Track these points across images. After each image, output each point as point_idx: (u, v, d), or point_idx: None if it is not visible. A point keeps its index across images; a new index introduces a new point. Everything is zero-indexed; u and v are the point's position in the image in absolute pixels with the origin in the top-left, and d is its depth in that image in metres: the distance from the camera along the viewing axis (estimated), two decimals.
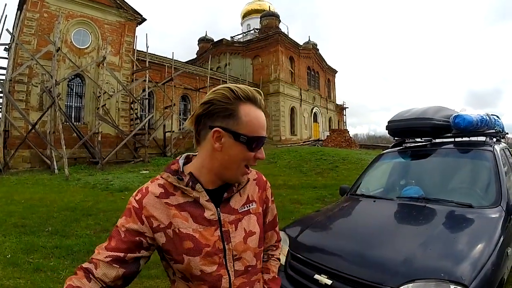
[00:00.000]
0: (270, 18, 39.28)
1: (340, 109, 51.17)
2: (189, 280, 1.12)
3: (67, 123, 18.04)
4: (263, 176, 1.36)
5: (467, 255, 2.30)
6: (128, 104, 22.56)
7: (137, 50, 23.54)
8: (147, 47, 23.30)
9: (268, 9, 42.42)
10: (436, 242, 2.51)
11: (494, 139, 4.32)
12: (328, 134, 33.75)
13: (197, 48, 43.77)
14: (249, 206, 1.23)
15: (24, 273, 4.37)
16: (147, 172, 15.58)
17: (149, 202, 1.10)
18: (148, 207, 1.09)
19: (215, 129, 1.07)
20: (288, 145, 28.99)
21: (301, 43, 40.11)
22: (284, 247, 2.93)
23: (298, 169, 15.77)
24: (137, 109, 23.02)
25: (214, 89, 1.12)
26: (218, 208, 1.14)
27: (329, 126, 44.20)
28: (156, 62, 25.22)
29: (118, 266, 1.07)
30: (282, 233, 2.96)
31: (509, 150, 4.84)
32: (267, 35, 36.19)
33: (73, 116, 20.07)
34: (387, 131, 4.62)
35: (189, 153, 1.25)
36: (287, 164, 16.77)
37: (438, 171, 4.02)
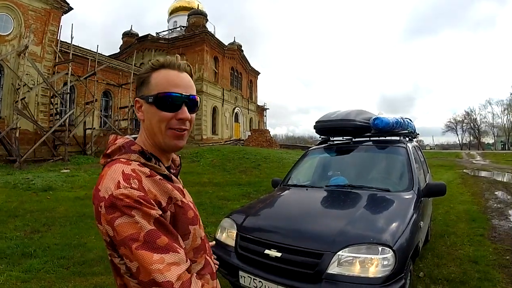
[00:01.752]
0: (198, 16, 39.20)
1: (261, 110, 52.60)
2: (193, 261, 1.11)
3: None
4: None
5: (389, 226, 2.94)
6: (48, 98, 21.46)
7: (61, 41, 22.25)
8: (72, 38, 22.20)
9: (196, 7, 42.25)
10: (364, 217, 3.17)
11: (407, 138, 5.34)
12: (250, 134, 34.79)
13: (121, 42, 42.36)
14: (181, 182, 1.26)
15: None
16: (68, 171, 15.19)
17: (149, 184, 1.02)
18: (151, 189, 1.01)
19: (135, 99, 1.13)
20: (210, 144, 29.47)
21: (226, 44, 40.70)
22: (233, 231, 3.40)
23: (222, 167, 16.46)
24: (57, 104, 22.02)
25: None
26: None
27: (250, 126, 45.33)
28: (79, 54, 24.09)
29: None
30: (229, 220, 3.61)
31: (419, 147, 6.08)
32: (194, 33, 36.29)
33: None
34: (314, 130, 5.32)
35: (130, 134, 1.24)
36: (210, 163, 17.40)
37: (360, 164, 4.77)
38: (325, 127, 5.15)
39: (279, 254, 2.80)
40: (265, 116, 54.40)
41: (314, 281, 2.62)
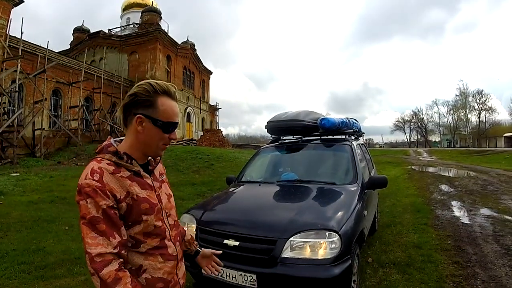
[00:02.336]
0: (151, 14, 38.82)
1: (213, 109, 52.51)
2: (143, 241, 1.35)
3: None
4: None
5: (335, 214, 3.26)
6: None
7: (10, 36, 21.13)
8: (22, 33, 21.44)
9: (150, 5, 41.63)
10: (312, 207, 3.53)
11: (353, 137, 5.73)
12: (202, 134, 34.92)
13: (72, 38, 40.92)
14: (162, 177, 1.57)
15: None
16: (18, 174, 14.74)
17: (108, 179, 1.27)
18: (109, 183, 1.27)
19: (138, 115, 1.34)
20: None
21: (179, 42, 40.47)
22: (192, 225, 3.57)
23: (175, 167, 16.55)
24: (5, 103, 20.90)
25: (137, 84, 1.40)
26: (151, 177, 1.46)
27: (202, 126, 45.22)
28: (29, 50, 22.88)
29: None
30: (188, 215, 3.79)
31: (364, 145, 6.55)
32: (147, 31, 35.86)
33: None
34: (266, 129, 5.65)
35: (114, 138, 1.48)
36: (163, 163, 17.68)
37: (309, 160, 5.09)
38: (276, 127, 5.46)
39: (237, 243, 3.05)
40: (217, 115, 54.39)
41: (270, 265, 2.89)
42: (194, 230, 3.51)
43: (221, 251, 1.92)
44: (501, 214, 7.62)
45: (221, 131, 35.39)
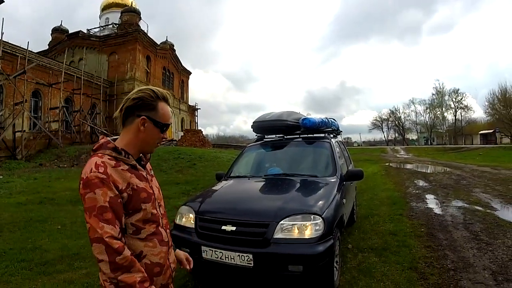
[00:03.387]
0: (131, 14, 38.45)
1: (192, 110, 52.39)
2: (142, 228, 1.52)
3: None
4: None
5: (318, 201, 3.78)
6: None
7: None
8: (2, 34, 21.10)
9: (130, 5, 41.24)
10: (298, 196, 4.08)
11: (331, 135, 6.27)
12: (183, 134, 34.95)
13: (50, 39, 40.26)
14: (151, 172, 1.76)
15: None
16: (1, 177, 14.77)
17: (111, 171, 1.45)
18: (112, 175, 1.44)
19: (142, 117, 1.55)
20: None
21: (158, 43, 40.28)
22: (191, 216, 3.95)
23: (158, 168, 16.70)
24: None
25: (140, 88, 1.59)
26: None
27: (182, 127, 45.05)
28: (9, 51, 22.47)
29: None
30: (185, 207, 4.20)
31: (342, 143, 7.14)
32: (127, 31, 35.58)
33: None
34: (252, 129, 6.14)
35: (110, 137, 1.64)
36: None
37: (292, 156, 5.54)
38: (261, 127, 5.94)
39: (234, 228, 3.45)
40: (197, 116, 54.30)
41: (264, 246, 3.32)
42: (193, 219, 3.88)
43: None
44: (471, 205, 8.18)
45: (202, 131, 35.45)
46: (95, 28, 42.13)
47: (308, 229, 3.38)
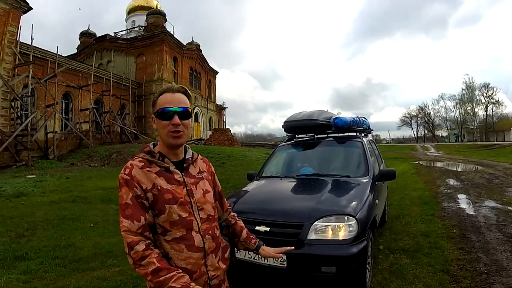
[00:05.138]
0: (156, 16, 38.72)
1: (220, 109, 52.72)
2: (169, 230, 1.53)
3: None
4: (206, 158, 1.94)
5: (351, 202, 3.72)
6: (8, 102, 20.79)
7: (20, 42, 21.67)
8: (32, 39, 21.84)
9: (155, 7, 41.78)
10: (331, 196, 4.01)
11: (363, 134, 6.15)
12: (211, 133, 35.10)
13: (78, 43, 41.05)
14: (202, 174, 1.74)
15: None
16: (34, 176, 15.14)
17: (136, 172, 1.52)
18: (137, 175, 1.51)
19: (151, 116, 1.65)
20: None
21: (184, 43, 40.53)
22: None
23: None
24: (18, 107, 21.49)
25: None
26: (182, 173, 1.63)
27: (210, 126, 45.35)
28: (39, 56, 23.30)
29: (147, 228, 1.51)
30: None
31: (374, 141, 7.00)
32: (153, 33, 35.92)
33: None
34: (283, 128, 6.08)
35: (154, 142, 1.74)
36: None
37: (324, 156, 5.51)
38: (292, 126, 5.89)
39: (267, 229, 3.43)
40: (224, 115, 54.73)
41: (298, 246, 3.26)
42: None
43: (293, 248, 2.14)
44: (505, 205, 7.87)
45: (230, 130, 35.53)
46: (121, 31, 43.08)
47: (342, 230, 3.36)
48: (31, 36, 21.97)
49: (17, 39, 21.54)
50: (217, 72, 50.57)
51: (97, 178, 14.92)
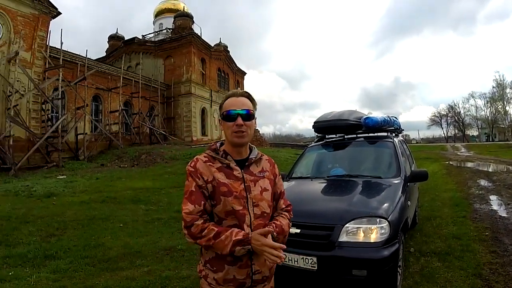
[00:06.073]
0: (184, 18, 38.86)
1: None
2: (223, 219, 1.70)
3: None
4: (272, 159, 2.04)
5: (383, 204, 3.66)
6: (39, 105, 21.25)
7: (50, 47, 22.12)
8: (61, 44, 22.34)
9: (182, 9, 41.90)
10: (363, 198, 3.93)
11: (394, 134, 6.06)
12: None
13: (107, 46, 41.72)
14: (264, 173, 1.85)
15: None
16: (65, 177, 15.37)
17: (199, 165, 1.73)
18: (200, 168, 1.72)
19: (219, 119, 1.83)
20: (202, 145, 29.64)
21: (212, 45, 40.45)
22: None
23: None
24: (49, 110, 21.93)
25: None
26: (242, 170, 1.78)
27: None
28: (69, 59, 23.80)
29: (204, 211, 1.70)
30: None
31: (404, 142, 6.81)
32: (181, 35, 36.04)
33: None
34: (313, 129, 6.01)
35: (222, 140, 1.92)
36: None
37: (355, 157, 5.48)
38: (323, 126, 5.82)
39: (298, 231, 3.36)
40: None
41: (329, 249, 3.27)
42: None
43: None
44: None
45: (258, 131, 35.42)
46: (149, 33, 43.27)
47: (373, 232, 3.32)
48: (61, 40, 22.54)
49: (47, 44, 21.98)
50: (245, 73, 50.39)
51: (126, 179, 15.08)
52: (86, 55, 25.24)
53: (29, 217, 8.08)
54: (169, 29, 41.01)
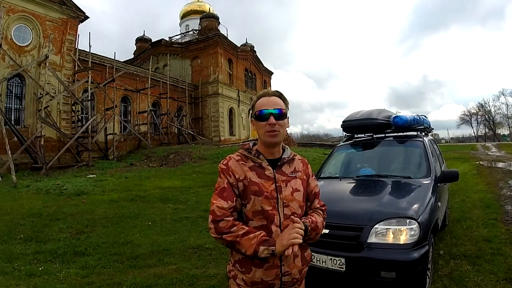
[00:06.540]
0: (210, 19, 39.06)
1: None
2: (251, 219, 1.70)
3: (7, 127, 16.82)
4: (305, 159, 2.05)
5: (413, 205, 3.61)
6: (69, 106, 21.80)
7: (79, 50, 22.65)
8: (90, 47, 22.76)
9: (208, 11, 42.09)
10: (392, 199, 3.87)
11: (423, 133, 5.91)
12: None
13: (134, 48, 42.42)
14: (296, 174, 1.84)
15: (19, 280, 4.42)
16: (95, 176, 15.58)
17: (232, 164, 1.76)
18: (232, 167, 1.75)
19: (251, 119, 1.86)
20: (229, 145, 29.50)
21: (238, 45, 40.50)
22: None
23: None
24: (78, 111, 22.43)
25: None
26: (274, 170, 1.77)
27: None
28: (97, 62, 24.32)
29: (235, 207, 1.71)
30: None
31: (434, 141, 6.68)
32: (207, 36, 36.15)
33: (12, 119, 18.78)
34: (341, 128, 5.94)
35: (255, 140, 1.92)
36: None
37: (384, 156, 5.40)
38: (351, 126, 5.75)
39: (327, 231, 3.30)
40: None
41: (357, 250, 3.27)
42: None
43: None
44: None
45: (286, 130, 34.92)
46: (176, 35, 43.64)
47: (403, 234, 3.29)
48: (89, 43, 22.99)
49: (76, 47, 22.49)
50: (272, 73, 50.11)
51: (155, 178, 15.15)
52: (114, 57, 25.76)
53: (60, 214, 8.24)
54: (195, 30, 41.28)
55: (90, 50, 22.83)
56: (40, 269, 4.81)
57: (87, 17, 23.10)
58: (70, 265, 4.99)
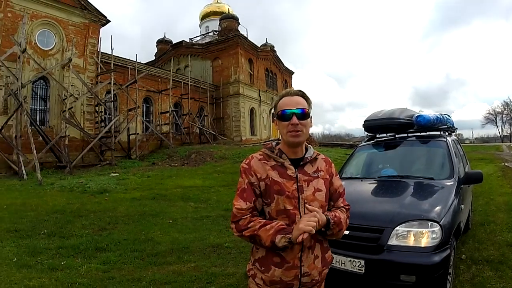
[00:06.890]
0: (229, 20, 39.24)
1: None
2: (274, 218, 1.70)
3: (33, 127, 17.30)
4: (329, 158, 1.99)
5: (435, 207, 3.52)
6: (93, 107, 22.29)
7: (101, 52, 23.16)
8: (112, 49, 23.23)
9: (227, 12, 42.33)
10: (414, 200, 3.81)
11: (447, 133, 5.78)
12: None
13: (155, 50, 42.88)
14: (318, 173, 1.82)
15: (41, 273, 4.54)
16: (117, 174, 15.86)
17: (254, 163, 1.77)
18: (254, 166, 1.75)
19: (274, 119, 1.84)
20: (250, 145, 29.68)
21: (258, 45, 40.48)
22: None
23: None
24: (102, 111, 22.87)
25: None
26: (296, 170, 1.76)
27: None
28: (120, 64, 24.77)
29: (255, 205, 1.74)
30: None
31: (458, 141, 6.51)
32: (227, 37, 36.27)
33: (37, 119, 19.36)
34: (363, 128, 5.87)
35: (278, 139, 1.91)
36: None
37: (407, 157, 5.30)
38: (373, 125, 5.68)
39: (347, 232, 3.17)
40: None
41: (377, 252, 3.22)
42: None
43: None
44: None
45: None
46: (196, 36, 44.01)
47: (424, 237, 3.22)
48: (111, 46, 23.62)
49: (98, 50, 22.98)
50: (292, 72, 49.95)
51: (177, 177, 15.26)
52: (136, 59, 26.15)
53: (83, 211, 8.49)
54: (215, 31, 41.47)
55: (112, 52, 23.34)
56: (62, 263, 4.94)
57: (108, 21, 23.57)
58: (92, 260, 5.09)
